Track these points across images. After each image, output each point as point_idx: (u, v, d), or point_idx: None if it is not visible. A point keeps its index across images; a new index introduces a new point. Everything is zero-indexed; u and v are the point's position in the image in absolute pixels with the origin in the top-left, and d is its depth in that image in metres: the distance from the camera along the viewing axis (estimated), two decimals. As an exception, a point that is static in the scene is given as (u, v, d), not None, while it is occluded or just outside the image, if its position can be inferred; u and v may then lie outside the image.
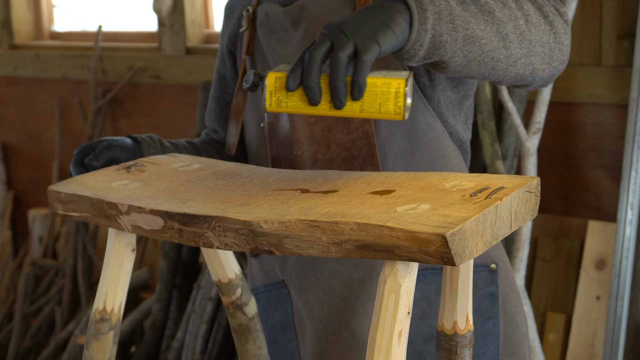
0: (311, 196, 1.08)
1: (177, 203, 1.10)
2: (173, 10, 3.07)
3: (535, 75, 1.27)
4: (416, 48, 1.13)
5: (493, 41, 1.19)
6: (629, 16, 2.20)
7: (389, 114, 1.10)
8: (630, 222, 2.14)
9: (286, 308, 1.50)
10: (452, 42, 1.15)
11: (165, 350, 2.79)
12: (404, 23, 1.11)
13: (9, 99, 3.70)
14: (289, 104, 1.11)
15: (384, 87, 1.09)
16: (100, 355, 1.19)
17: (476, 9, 1.18)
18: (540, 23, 1.24)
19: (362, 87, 1.08)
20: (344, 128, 1.39)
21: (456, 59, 1.17)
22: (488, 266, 1.44)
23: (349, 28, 1.09)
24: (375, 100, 1.10)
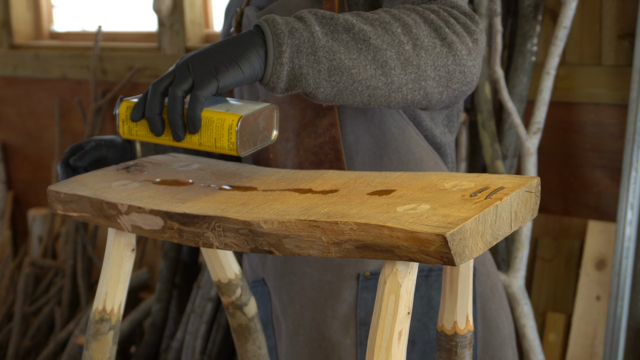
0: (311, 196, 1.08)
1: (177, 203, 1.10)
2: (173, 10, 3.07)
3: (431, 99, 1.24)
4: (274, 80, 1.14)
5: (368, 69, 1.17)
6: (629, 16, 2.20)
7: (223, 149, 1.11)
8: (630, 222, 2.14)
9: (266, 306, 1.53)
10: (314, 73, 1.15)
11: (165, 350, 2.79)
12: (256, 57, 1.12)
13: (9, 99, 3.70)
14: (138, 133, 1.15)
15: (219, 122, 1.10)
16: (100, 355, 1.19)
17: (348, 37, 1.16)
18: (435, 46, 1.20)
19: (195, 121, 1.10)
20: (311, 132, 1.40)
21: (322, 89, 1.17)
22: None
23: (194, 62, 1.11)
24: (211, 135, 1.11)
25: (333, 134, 1.39)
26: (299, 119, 1.41)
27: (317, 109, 1.40)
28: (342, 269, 1.43)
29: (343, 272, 1.43)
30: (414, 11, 1.22)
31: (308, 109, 1.40)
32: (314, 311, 1.44)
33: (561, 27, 2.15)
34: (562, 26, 2.15)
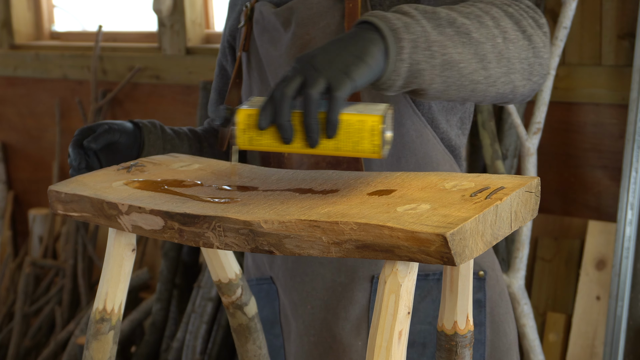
0: (311, 196, 1.08)
1: (177, 203, 1.10)
2: (173, 10, 3.07)
3: (516, 93, 1.24)
4: (393, 78, 1.10)
5: (471, 63, 1.16)
6: (629, 16, 2.20)
7: (365, 152, 1.05)
8: (630, 222, 2.14)
9: (274, 304, 1.52)
10: (430, 69, 1.12)
11: (165, 350, 2.79)
12: (379, 54, 1.07)
13: (9, 99, 3.70)
14: (261, 142, 1.07)
15: (359, 124, 1.05)
16: (100, 355, 1.19)
17: (452, 31, 1.15)
18: (519, 39, 1.21)
19: (335, 125, 1.04)
20: None
21: (435, 85, 1.14)
22: (476, 273, 1.43)
23: (321, 62, 1.05)
24: (350, 138, 1.05)
25: None
26: None
27: None
28: (355, 270, 1.41)
29: (357, 273, 1.42)
30: (492, 4, 1.22)
31: None
32: (326, 312, 1.44)
33: (561, 27, 2.15)
34: (562, 26, 2.15)
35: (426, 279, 1.42)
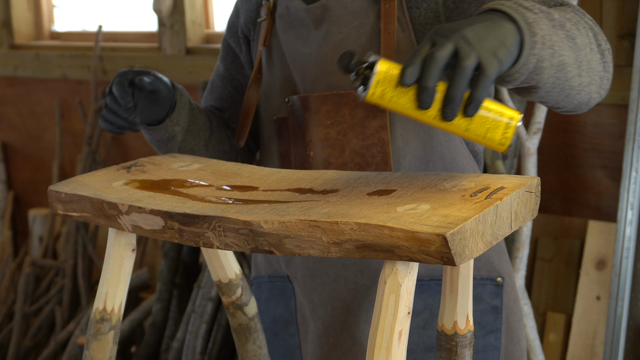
0: (311, 196, 1.08)
1: (177, 203, 1.10)
2: (173, 10, 3.07)
3: (590, 104, 1.24)
4: (522, 72, 1.09)
5: (573, 68, 1.16)
6: (629, 16, 2.20)
7: (493, 141, 1.04)
8: (630, 222, 2.14)
9: (289, 303, 1.50)
10: (549, 68, 1.11)
11: (165, 350, 2.79)
12: (515, 44, 1.06)
13: (9, 99, 3.70)
14: (392, 99, 1.02)
15: (497, 114, 1.04)
16: (100, 355, 1.19)
17: (563, 34, 1.14)
18: (596, 52, 1.20)
19: (479, 104, 1.01)
20: (359, 133, 1.38)
21: (547, 85, 1.14)
22: (494, 280, 1.43)
23: (471, 38, 1.01)
24: (484, 125, 1.03)
25: (382, 136, 1.37)
26: (347, 118, 1.39)
27: (368, 110, 1.38)
28: (379, 273, 1.40)
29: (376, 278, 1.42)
30: (577, 14, 1.21)
31: (358, 109, 1.38)
32: (347, 314, 1.43)
33: (561, 27, 2.15)
34: (562, 26, 2.15)
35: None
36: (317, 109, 1.40)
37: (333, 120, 1.39)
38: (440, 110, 1.02)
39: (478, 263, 1.42)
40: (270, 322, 1.53)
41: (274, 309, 1.52)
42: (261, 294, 1.55)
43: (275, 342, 1.52)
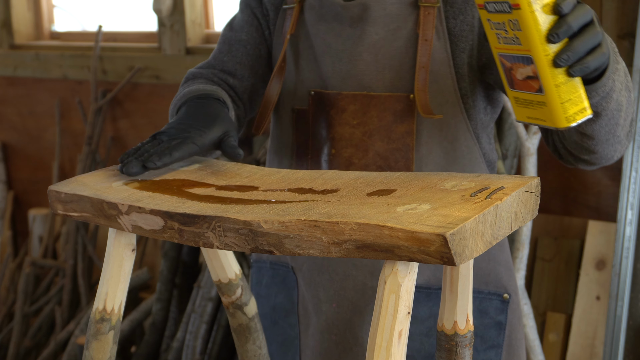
0: (311, 196, 1.08)
1: (177, 203, 1.10)
2: (173, 10, 3.07)
3: (610, 161, 1.29)
4: (599, 90, 1.13)
5: (621, 117, 1.20)
6: (629, 16, 2.20)
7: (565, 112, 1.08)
8: (630, 222, 2.14)
9: (292, 294, 1.50)
10: (614, 102, 1.17)
11: (165, 350, 2.79)
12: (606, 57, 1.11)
13: (9, 99, 3.70)
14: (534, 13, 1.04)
15: (584, 94, 1.08)
16: (100, 355, 1.19)
17: (625, 83, 1.19)
18: (629, 120, 1.25)
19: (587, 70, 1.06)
20: (385, 137, 1.38)
21: (604, 117, 1.18)
22: (501, 295, 1.44)
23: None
24: (571, 93, 1.07)
25: (408, 142, 1.38)
26: (374, 120, 1.39)
27: (396, 114, 1.38)
28: None
29: None
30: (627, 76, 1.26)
31: (387, 112, 1.38)
32: (352, 314, 1.43)
33: (561, 27, 2.15)
34: (562, 26, 2.15)
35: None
36: (344, 107, 1.40)
37: (360, 121, 1.39)
38: (556, 53, 1.04)
39: (487, 278, 1.43)
40: (270, 309, 1.53)
41: (274, 296, 1.52)
42: (262, 278, 1.54)
43: (274, 329, 1.52)
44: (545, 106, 1.08)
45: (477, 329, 1.42)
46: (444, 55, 1.36)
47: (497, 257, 1.45)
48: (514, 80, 1.12)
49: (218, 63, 1.51)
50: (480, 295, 1.43)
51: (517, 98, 1.13)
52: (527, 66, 1.08)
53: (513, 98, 1.14)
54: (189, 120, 1.25)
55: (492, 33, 1.11)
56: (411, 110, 1.37)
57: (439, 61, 1.36)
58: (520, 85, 1.11)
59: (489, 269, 1.44)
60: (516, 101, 1.14)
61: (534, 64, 1.06)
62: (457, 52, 1.37)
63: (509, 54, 1.10)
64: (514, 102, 1.14)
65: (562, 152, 1.33)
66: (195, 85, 1.43)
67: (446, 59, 1.36)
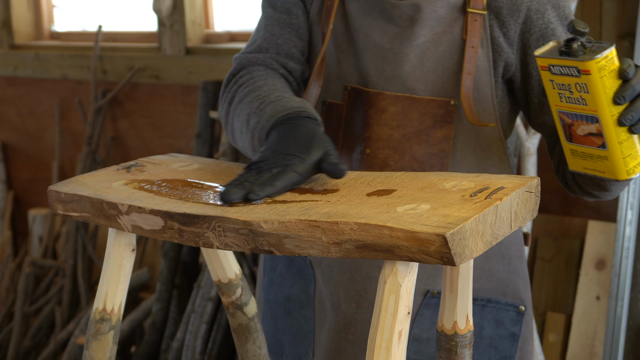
0: (311, 196, 1.08)
1: (177, 203, 1.10)
2: (173, 10, 3.07)
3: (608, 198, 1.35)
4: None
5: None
6: (629, 16, 2.20)
7: (626, 165, 1.18)
8: (630, 222, 2.14)
9: (308, 287, 1.48)
10: None
11: (165, 350, 2.79)
12: None
13: (9, 99, 3.70)
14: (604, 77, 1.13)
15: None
16: (100, 355, 1.19)
17: None
18: None
19: None
20: (423, 141, 1.37)
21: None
22: (517, 307, 1.44)
23: None
24: (632, 148, 1.17)
25: (445, 147, 1.37)
26: (414, 124, 1.37)
27: (436, 119, 1.37)
28: None
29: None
30: None
31: (427, 116, 1.37)
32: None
33: (561, 27, 2.15)
34: (562, 26, 2.15)
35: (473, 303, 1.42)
36: (385, 107, 1.38)
37: (399, 123, 1.37)
38: (620, 113, 1.14)
39: (506, 289, 1.43)
40: (284, 298, 1.50)
41: (289, 286, 1.50)
42: (276, 265, 1.52)
43: (288, 320, 1.50)
44: (607, 160, 1.18)
45: (491, 339, 1.42)
46: (485, 63, 1.37)
47: (517, 269, 1.46)
48: (574, 135, 1.21)
49: (273, 46, 1.45)
50: (498, 305, 1.43)
51: (575, 151, 1.22)
52: (590, 124, 1.17)
53: (570, 150, 1.23)
54: (285, 146, 1.15)
55: (553, 92, 1.20)
56: (451, 115, 1.37)
57: (481, 69, 1.37)
58: (580, 140, 1.20)
59: (508, 280, 1.44)
60: (573, 153, 1.23)
61: (598, 123, 1.16)
62: (498, 61, 1.38)
63: (571, 112, 1.19)
64: (570, 153, 1.24)
65: (571, 184, 1.37)
66: (264, 82, 1.37)
67: (487, 67, 1.37)
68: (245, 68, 1.44)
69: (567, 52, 1.15)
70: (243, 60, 1.45)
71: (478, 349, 1.42)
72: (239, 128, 1.34)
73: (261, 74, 1.41)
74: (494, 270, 1.43)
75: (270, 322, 1.54)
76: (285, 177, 1.10)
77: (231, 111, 1.38)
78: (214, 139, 2.93)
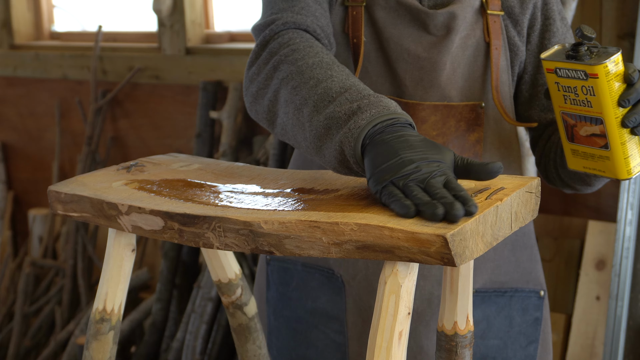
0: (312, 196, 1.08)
1: (177, 203, 1.10)
2: (173, 10, 3.07)
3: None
4: None
5: None
6: (629, 16, 2.20)
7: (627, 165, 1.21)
8: (630, 222, 2.14)
9: (337, 299, 1.45)
10: None
11: (165, 350, 2.79)
12: None
13: (9, 99, 3.70)
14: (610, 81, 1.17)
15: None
16: (100, 355, 1.19)
17: None
18: None
19: None
20: (459, 146, 1.38)
21: None
22: (538, 292, 1.47)
23: None
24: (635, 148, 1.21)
25: (477, 150, 1.39)
26: (452, 130, 1.38)
27: (469, 123, 1.38)
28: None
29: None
30: None
31: (462, 121, 1.38)
32: (418, 323, 1.41)
33: (561, 27, 2.15)
34: (562, 26, 2.15)
35: (503, 295, 1.45)
36: (425, 118, 1.37)
37: (439, 132, 1.37)
38: (624, 115, 1.18)
39: (528, 277, 1.47)
40: (304, 312, 1.48)
41: (311, 300, 1.46)
42: (290, 279, 1.49)
43: (313, 333, 1.47)
44: (608, 160, 1.22)
45: (520, 327, 1.46)
46: (504, 64, 1.39)
47: (536, 256, 1.50)
48: (576, 135, 1.24)
49: (310, 17, 1.29)
50: (523, 293, 1.46)
51: (576, 151, 1.26)
52: (594, 125, 1.21)
53: (570, 150, 1.27)
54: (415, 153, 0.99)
55: (558, 94, 1.23)
56: (481, 118, 1.39)
57: (502, 69, 1.39)
58: (582, 140, 1.24)
59: (530, 268, 1.48)
60: (574, 153, 1.26)
61: (603, 124, 1.19)
62: (515, 60, 1.41)
63: (575, 114, 1.22)
64: (571, 153, 1.27)
65: (552, 176, 1.41)
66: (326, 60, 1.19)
67: (506, 67, 1.40)
68: (289, 29, 1.27)
69: (574, 56, 1.18)
70: (279, 21, 1.27)
71: (510, 338, 1.45)
72: (295, 104, 1.15)
73: (313, 43, 1.24)
74: (520, 261, 1.47)
75: (288, 337, 1.51)
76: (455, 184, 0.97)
77: (280, 78, 1.19)
78: (214, 139, 2.93)
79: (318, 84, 1.13)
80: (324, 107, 1.10)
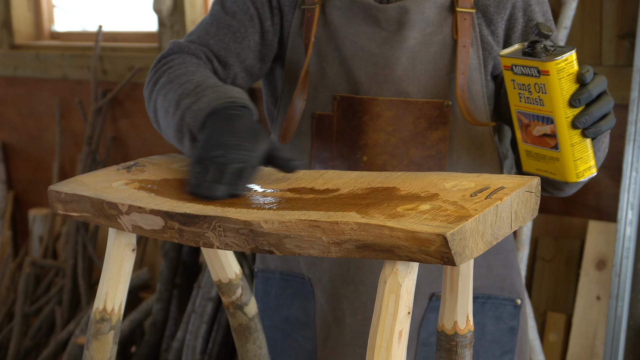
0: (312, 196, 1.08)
1: (178, 203, 1.10)
2: (173, 10, 3.07)
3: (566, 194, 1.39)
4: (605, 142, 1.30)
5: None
6: (629, 16, 2.20)
7: (576, 168, 1.20)
8: (631, 222, 2.14)
9: (307, 306, 1.46)
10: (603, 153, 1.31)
11: (166, 350, 2.79)
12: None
13: (9, 99, 3.70)
14: (562, 79, 1.16)
15: (593, 154, 1.21)
16: (100, 355, 1.19)
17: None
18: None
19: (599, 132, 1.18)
20: (420, 144, 1.37)
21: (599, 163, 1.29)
22: (514, 301, 1.45)
23: None
24: (583, 152, 1.20)
25: (441, 148, 1.37)
26: (410, 127, 1.37)
27: (431, 121, 1.37)
28: (418, 287, 1.39)
29: (419, 290, 1.39)
30: None
31: (422, 118, 1.37)
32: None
33: (561, 27, 2.15)
34: (562, 26, 2.15)
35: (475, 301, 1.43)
36: (380, 113, 1.36)
37: (395, 128, 1.37)
38: (575, 116, 1.17)
39: (503, 283, 1.44)
40: (281, 321, 1.49)
41: (287, 308, 1.48)
42: (270, 289, 1.50)
43: (287, 342, 1.49)
44: (558, 162, 1.20)
45: (493, 335, 1.43)
46: (476, 62, 1.37)
47: (512, 263, 1.46)
48: (529, 135, 1.23)
49: (203, 43, 1.43)
50: (497, 301, 1.44)
51: (529, 152, 1.24)
52: (546, 125, 1.20)
53: (524, 151, 1.25)
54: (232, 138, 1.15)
55: (514, 92, 1.22)
56: (446, 116, 1.37)
57: (472, 67, 1.37)
58: (535, 141, 1.22)
59: (505, 275, 1.45)
60: (527, 154, 1.25)
61: (553, 124, 1.18)
62: (488, 59, 1.38)
63: (529, 112, 1.21)
64: (525, 154, 1.26)
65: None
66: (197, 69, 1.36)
67: (478, 66, 1.38)
68: (177, 53, 1.43)
69: (530, 53, 1.17)
70: (176, 46, 1.44)
71: (482, 347, 1.42)
72: (164, 107, 1.32)
73: (193, 62, 1.40)
74: (492, 266, 1.44)
75: (268, 347, 1.50)
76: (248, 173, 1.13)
77: (157, 90, 1.36)
78: (214, 139, 2.93)
79: (179, 87, 1.31)
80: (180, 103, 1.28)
